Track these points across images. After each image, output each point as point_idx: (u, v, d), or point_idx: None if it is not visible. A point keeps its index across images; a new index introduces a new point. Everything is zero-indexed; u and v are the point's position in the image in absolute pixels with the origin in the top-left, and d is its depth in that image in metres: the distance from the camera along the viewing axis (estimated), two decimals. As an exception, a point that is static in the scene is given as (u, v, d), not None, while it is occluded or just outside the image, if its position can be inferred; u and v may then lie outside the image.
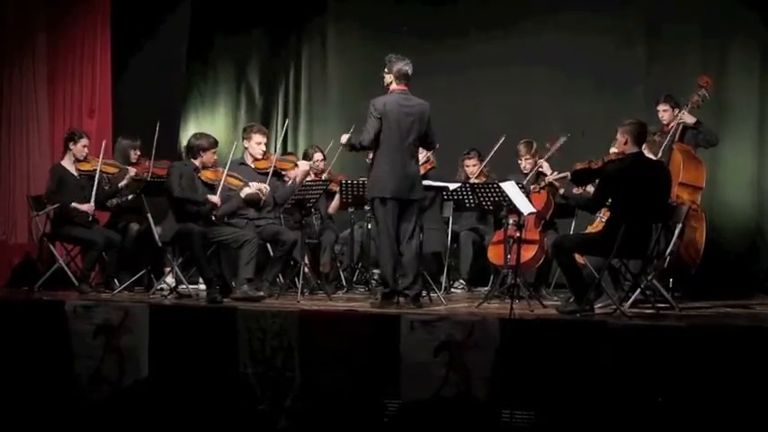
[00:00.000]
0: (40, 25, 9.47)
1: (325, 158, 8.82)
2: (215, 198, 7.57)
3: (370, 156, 8.80)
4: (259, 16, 10.69)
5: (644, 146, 7.25)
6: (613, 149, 7.10)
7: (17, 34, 9.36)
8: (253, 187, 7.79)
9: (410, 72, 7.00)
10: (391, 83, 7.02)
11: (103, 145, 8.28)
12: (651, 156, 7.26)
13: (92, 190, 8.11)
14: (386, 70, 7.04)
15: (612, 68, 9.33)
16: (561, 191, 7.94)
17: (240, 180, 7.80)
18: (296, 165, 8.26)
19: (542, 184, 7.88)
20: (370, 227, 8.13)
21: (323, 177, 8.62)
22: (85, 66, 9.60)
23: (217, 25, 10.63)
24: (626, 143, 6.54)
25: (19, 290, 8.27)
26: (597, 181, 6.81)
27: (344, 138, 7.31)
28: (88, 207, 8.07)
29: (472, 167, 8.77)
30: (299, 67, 10.84)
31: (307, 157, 8.81)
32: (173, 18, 10.10)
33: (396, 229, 6.95)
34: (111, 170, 8.28)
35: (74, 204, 8.05)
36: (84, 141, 8.23)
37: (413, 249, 6.96)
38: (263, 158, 8.08)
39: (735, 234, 8.96)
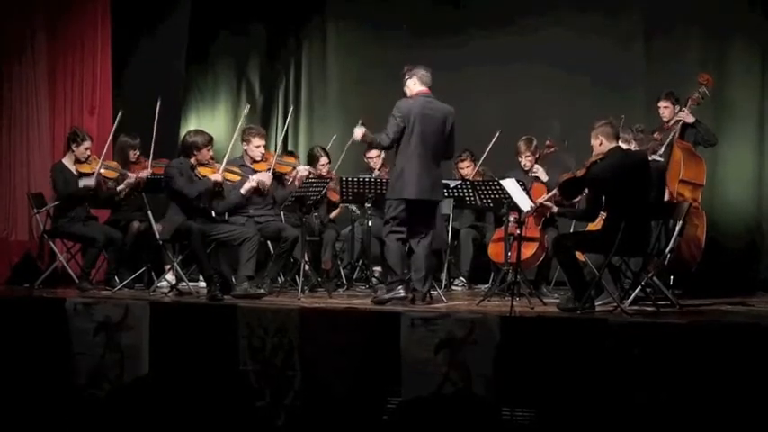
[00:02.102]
0: (40, 22, 9.46)
1: (330, 162, 8.80)
2: (216, 176, 7.55)
3: (369, 154, 8.87)
4: (259, 14, 10.69)
5: (633, 145, 7.29)
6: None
7: (17, 31, 9.36)
8: (253, 181, 7.78)
9: (421, 77, 7.08)
10: (414, 86, 7.08)
11: (107, 145, 8.30)
12: (655, 156, 7.29)
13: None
14: (407, 77, 7.10)
15: (612, 67, 9.32)
16: (555, 209, 7.91)
17: (238, 174, 7.79)
18: (294, 168, 8.26)
19: (534, 206, 7.81)
20: (370, 224, 8.12)
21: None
22: (86, 63, 9.59)
23: (217, 23, 10.62)
24: (600, 144, 6.62)
25: (19, 287, 8.28)
26: (586, 189, 6.83)
27: (359, 133, 7.19)
28: (92, 180, 8.08)
29: (466, 169, 8.77)
30: (299, 65, 10.84)
31: (312, 157, 8.78)
32: (173, 16, 10.09)
33: (409, 228, 7.00)
34: (111, 174, 8.27)
35: (81, 181, 8.07)
36: (86, 144, 8.21)
37: (426, 247, 7.01)
38: (262, 161, 8.08)
39: (735, 232, 8.95)
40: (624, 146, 6.89)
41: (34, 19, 9.46)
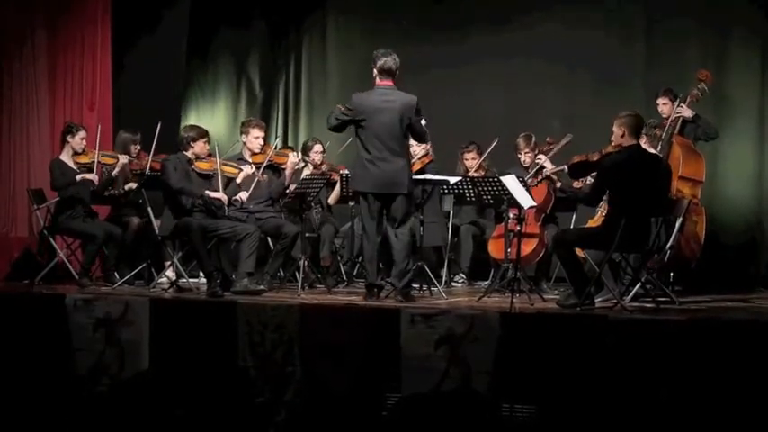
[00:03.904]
0: (40, 18, 9.48)
1: (324, 151, 8.81)
2: (218, 194, 7.54)
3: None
4: (259, 9, 10.68)
5: (644, 140, 7.27)
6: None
7: (17, 27, 9.36)
8: (246, 170, 7.79)
9: (394, 67, 6.97)
10: (376, 77, 7.03)
11: (99, 131, 8.30)
12: (651, 150, 7.26)
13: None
14: (373, 65, 7.05)
15: (612, 63, 9.31)
16: (558, 184, 7.93)
17: (235, 168, 7.80)
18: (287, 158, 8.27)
19: (540, 177, 7.86)
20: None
21: (323, 169, 8.61)
22: (86, 59, 9.60)
23: (217, 19, 10.61)
24: (623, 135, 6.51)
25: (19, 283, 8.28)
26: (595, 174, 6.81)
27: None
28: (92, 176, 8.09)
29: (471, 161, 8.76)
30: (299, 61, 10.83)
31: (306, 149, 8.80)
32: (173, 12, 10.10)
33: (378, 224, 6.98)
34: (110, 161, 8.28)
35: (80, 176, 8.06)
36: (81, 134, 8.24)
37: (401, 242, 6.96)
38: (260, 153, 8.08)
39: (735, 228, 8.94)
40: (642, 143, 6.84)
41: (34, 16, 9.47)
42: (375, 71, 7.01)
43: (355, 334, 6.15)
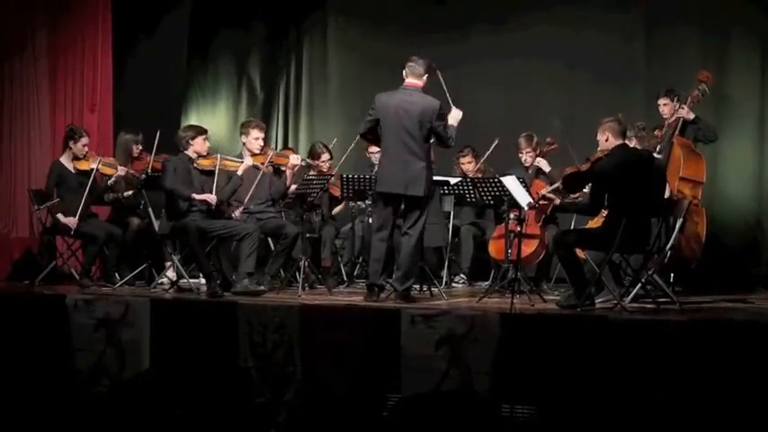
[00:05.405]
0: (41, 19, 9.47)
1: (331, 158, 8.78)
2: (205, 196, 7.53)
3: (370, 149, 8.87)
4: (259, 10, 10.68)
5: (633, 142, 7.29)
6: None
7: (18, 28, 9.36)
8: (247, 161, 7.79)
9: (411, 69, 7.00)
10: (405, 78, 7.06)
11: (99, 161, 8.29)
12: (654, 153, 7.30)
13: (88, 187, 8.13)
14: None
15: (612, 64, 9.32)
16: (557, 201, 7.92)
17: (236, 162, 7.79)
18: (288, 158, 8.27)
19: (536, 199, 7.83)
20: (371, 221, 8.12)
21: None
22: (86, 61, 9.59)
23: (217, 19, 10.61)
24: (607, 140, 6.63)
25: (20, 284, 8.28)
26: (590, 183, 6.82)
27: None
28: (71, 221, 8.01)
29: (467, 164, 8.76)
30: (299, 61, 10.82)
31: (314, 153, 8.76)
32: (173, 12, 10.08)
33: (392, 225, 6.99)
34: (109, 171, 8.23)
35: (58, 215, 8.04)
36: (84, 140, 8.22)
37: (409, 244, 6.97)
38: (260, 154, 8.08)
39: (735, 229, 8.95)
40: (629, 143, 6.89)
41: (35, 17, 9.47)
42: (406, 71, 7.05)
43: (355, 334, 6.16)
